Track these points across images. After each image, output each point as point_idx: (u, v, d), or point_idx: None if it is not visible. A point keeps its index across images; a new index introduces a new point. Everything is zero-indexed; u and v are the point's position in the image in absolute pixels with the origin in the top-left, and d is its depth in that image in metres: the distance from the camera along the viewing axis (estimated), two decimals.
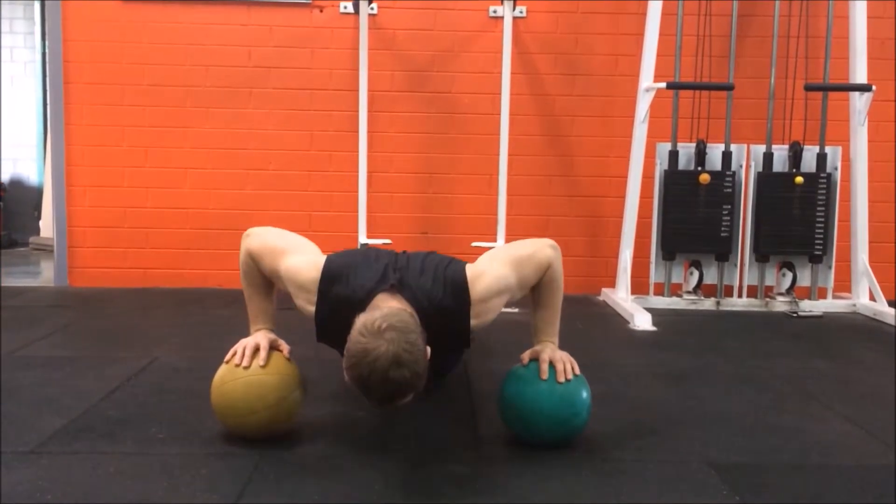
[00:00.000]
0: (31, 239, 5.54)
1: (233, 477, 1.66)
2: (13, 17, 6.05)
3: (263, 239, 2.00)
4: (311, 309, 1.88)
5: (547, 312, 1.98)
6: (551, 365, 1.86)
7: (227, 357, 1.89)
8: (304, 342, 1.91)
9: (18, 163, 6.12)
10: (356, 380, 1.59)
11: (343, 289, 1.84)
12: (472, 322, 1.87)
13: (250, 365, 1.84)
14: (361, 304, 1.78)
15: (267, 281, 2.01)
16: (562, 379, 1.83)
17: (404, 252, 2.01)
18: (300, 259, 1.93)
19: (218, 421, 1.89)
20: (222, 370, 1.87)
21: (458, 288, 1.85)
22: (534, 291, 1.98)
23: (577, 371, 1.88)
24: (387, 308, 1.71)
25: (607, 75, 4.00)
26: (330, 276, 1.87)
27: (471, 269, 1.89)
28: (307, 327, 1.90)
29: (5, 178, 6.02)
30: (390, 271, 1.85)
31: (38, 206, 5.73)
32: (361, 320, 1.63)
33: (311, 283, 1.88)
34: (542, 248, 1.94)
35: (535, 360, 1.90)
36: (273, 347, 1.91)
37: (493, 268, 1.90)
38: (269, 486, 1.62)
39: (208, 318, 3.34)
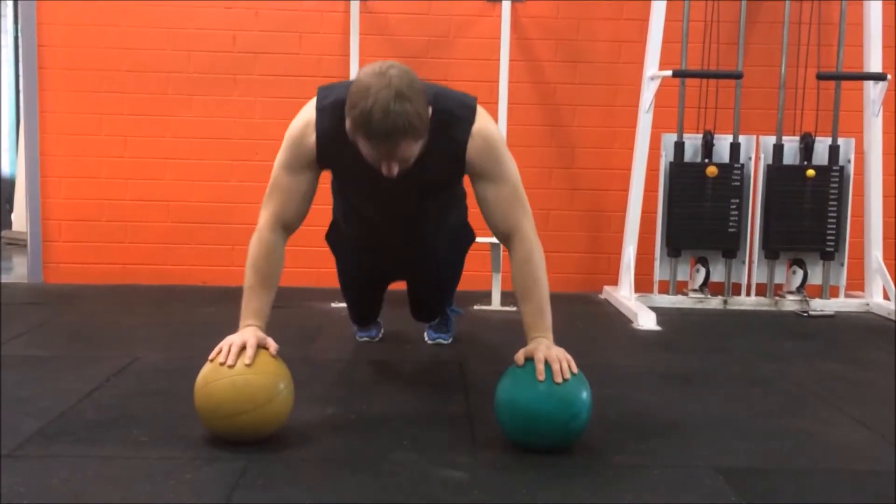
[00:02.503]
0: (3, 233, 5.52)
1: (219, 482, 1.66)
2: None
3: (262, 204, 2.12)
4: (312, 140, 2.00)
5: (532, 305, 1.98)
6: (548, 365, 1.86)
7: (212, 355, 1.87)
8: (294, 343, 1.92)
9: None
10: (358, 117, 1.71)
11: (341, 91, 1.91)
12: (469, 150, 1.99)
13: (236, 363, 1.83)
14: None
15: (274, 271, 2.02)
16: (559, 380, 1.82)
17: None
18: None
19: (202, 424, 1.89)
20: (206, 369, 1.87)
21: (467, 105, 1.99)
22: (514, 280, 2.01)
23: (575, 369, 1.87)
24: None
25: (610, 63, 4.01)
26: (325, 92, 1.99)
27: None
28: (297, 326, 1.90)
29: None
30: None
31: (10, 198, 5.70)
32: (364, 68, 1.76)
33: (307, 112, 2.01)
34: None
35: (531, 359, 1.89)
36: (260, 346, 1.90)
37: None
38: (257, 492, 1.62)
39: (191, 316, 3.34)
